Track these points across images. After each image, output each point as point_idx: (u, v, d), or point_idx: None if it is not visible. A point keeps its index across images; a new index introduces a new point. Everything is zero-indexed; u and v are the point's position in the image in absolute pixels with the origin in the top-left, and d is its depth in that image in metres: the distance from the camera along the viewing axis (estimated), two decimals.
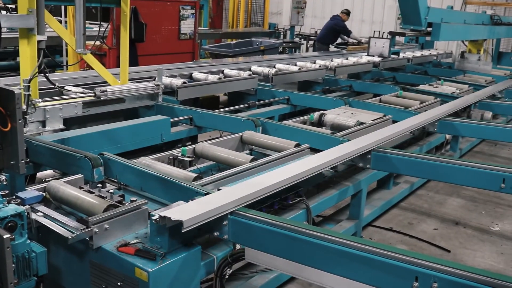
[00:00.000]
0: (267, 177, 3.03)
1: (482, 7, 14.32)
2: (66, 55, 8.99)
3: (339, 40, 12.19)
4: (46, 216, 2.64)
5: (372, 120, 4.92)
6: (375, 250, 2.18)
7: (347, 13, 12.57)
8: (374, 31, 15.70)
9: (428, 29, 7.07)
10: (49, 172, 3.65)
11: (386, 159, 3.91)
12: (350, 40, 12.12)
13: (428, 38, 8.38)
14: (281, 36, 14.39)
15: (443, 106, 5.73)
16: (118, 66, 7.22)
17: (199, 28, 10.34)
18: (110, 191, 2.86)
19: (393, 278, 2.10)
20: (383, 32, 13.87)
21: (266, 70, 7.12)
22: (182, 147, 3.81)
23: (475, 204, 5.67)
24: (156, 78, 5.32)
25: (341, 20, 12.17)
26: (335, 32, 12.11)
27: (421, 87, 7.28)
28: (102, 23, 4.88)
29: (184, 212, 2.39)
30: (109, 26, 7.42)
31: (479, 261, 4.41)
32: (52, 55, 6.88)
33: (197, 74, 6.47)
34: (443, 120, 5.22)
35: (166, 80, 5.63)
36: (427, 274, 2.03)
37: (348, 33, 12.23)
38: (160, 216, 2.34)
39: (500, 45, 11.96)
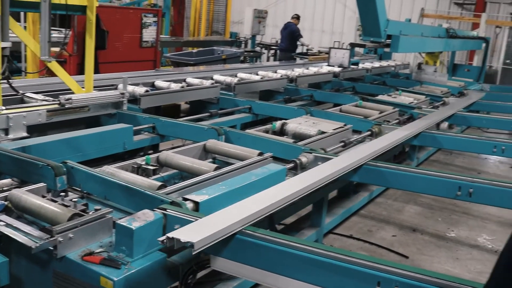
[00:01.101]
0: (265, 194, 3.00)
1: (438, 20, 14.75)
2: (25, 61, 8.83)
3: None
4: (8, 225, 2.60)
5: (333, 130, 5.01)
6: (339, 256, 2.24)
7: (298, 17, 13.05)
8: (334, 41, 15.98)
9: (387, 41, 7.24)
10: (7, 181, 3.58)
11: None
12: (299, 44, 12.58)
13: (387, 49, 8.57)
14: (242, 45, 14.50)
15: (422, 120, 5.91)
16: (78, 73, 7.17)
17: (161, 36, 10.31)
18: (73, 200, 2.85)
19: (357, 283, 2.16)
20: (343, 43, 14.12)
21: (228, 79, 7.17)
22: (146, 156, 3.80)
23: (431, 211, 5.82)
24: (122, 86, 5.29)
25: (294, 25, 12.57)
26: (294, 38, 12.49)
27: (380, 97, 7.44)
28: (62, 29, 4.84)
29: (191, 233, 2.30)
30: (70, 32, 7.34)
31: (436, 266, 4.53)
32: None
33: (159, 83, 6.47)
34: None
35: (129, 88, 5.61)
36: (389, 279, 2.11)
37: (298, 36, 12.66)
38: (168, 238, 2.24)
39: (455, 58, 12.33)
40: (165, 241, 2.25)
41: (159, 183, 3.22)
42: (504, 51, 14.15)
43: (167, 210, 2.65)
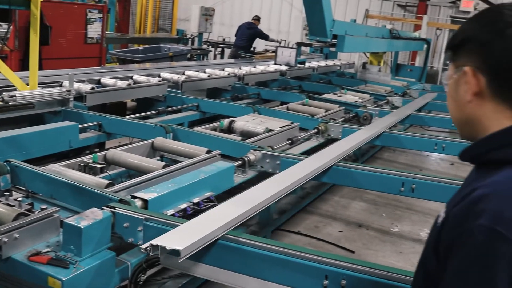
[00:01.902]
0: (242, 198, 2.96)
1: (382, 21, 15.12)
2: None
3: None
4: None
5: (280, 127, 5.07)
6: (287, 251, 2.28)
7: (258, 19, 13.21)
8: (281, 40, 16.11)
9: (333, 40, 7.37)
10: None
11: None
12: (271, 43, 12.78)
13: (333, 49, 8.72)
14: (189, 42, 14.42)
15: (384, 119, 6.07)
16: (20, 69, 6.98)
17: (106, 32, 10.14)
18: (18, 199, 2.79)
19: (305, 277, 2.21)
20: (290, 42, 14.26)
21: (175, 76, 7.12)
22: (93, 154, 3.75)
23: (376, 207, 5.99)
24: (67, 83, 5.18)
25: (257, 27, 12.77)
26: (254, 39, 12.70)
27: (326, 95, 7.57)
28: (2, 23, 4.70)
29: (175, 239, 2.25)
30: (11, 27, 7.13)
31: (381, 260, 4.66)
32: None
33: (105, 80, 6.37)
34: (346, 127, 5.48)
35: (74, 85, 5.50)
36: (336, 272, 2.17)
37: (266, 37, 12.84)
38: (152, 245, 2.17)
39: (398, 58, 12.67)
40: (148, 248, 2.18)
41: (107, 181, 3.19)
42: (445, 52, 14.61)
43: (116, 208, 2.63)
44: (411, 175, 3.92)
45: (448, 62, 1.42)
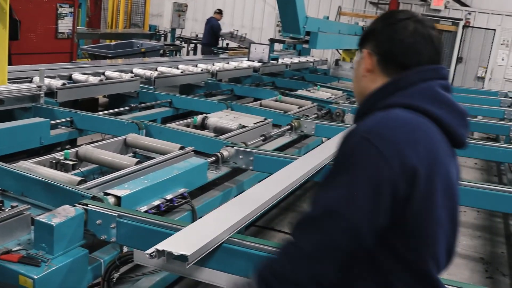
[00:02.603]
0: (241, 200, 2.88)
1: (355, 18, 15.23)
2: None
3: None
4: None
5: (254, 124, 5.08)
6: (256, 245, 2.29)
7: (220, 12, 13.22)
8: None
9: (306, 37, 7.41)
10: None
11: (268, 161, 4.08)
12: (224, 35, 12.81)
13: (306, 46, 8.76)
14: (162, 38, 14.34)
15: None
16: None
17: (77, 27, 10.01)
18: None
19: None
20: (263, 39, 14.28)
21: (148, 72, 7.07)
22: (65, 151, 3.71)
23: None
24: (38, 78, 5.11)
25: (215, 20, 12.71)
26: (214, 33, 12.61)
27: (299, 92, 7.60)
28: None
29: (181, 244, 2.16)
30: None
31: None
32: None
33: (77, 75, 6.29)
34: (319, 124, 5.52)
35: (45, 81, 5.43)
36: None
37: (219, 30, 12.90)
38: (158, 250, 2.07)
39: None
40: (153, 254, 2.08)
41: (79, 178, 3.15)
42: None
43: (88, 205, 2.61)
44: None
45: None
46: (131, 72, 7.07)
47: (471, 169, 8.36)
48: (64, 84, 5.49)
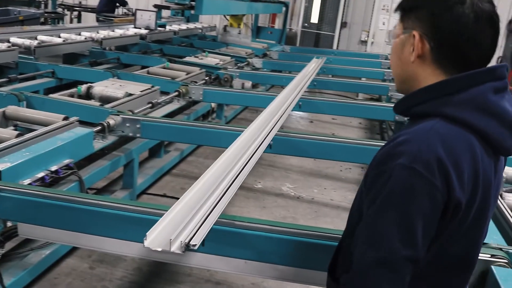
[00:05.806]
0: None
1: None
2: None
3: None
4: None
5: (141, 91, 5.04)
6: (148, 210, 2.33)
7: None
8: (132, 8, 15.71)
9: (191, 3, 7.35)
10: None
11: (156, 128, 4.08)
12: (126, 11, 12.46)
13: (192, 11, 8.69)
14: (42, 6, 13.59)
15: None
16: None
17: None
18: None
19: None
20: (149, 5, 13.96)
21: (27, 42, 6.72)
22: None
23: None
24: None
25: None
26: (113, 3, 12.24)
27: (187, 59, 7.57)
28: None
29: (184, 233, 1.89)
30: None
31: (247, 215, 4.87)
32: None
33: None
34: (207, 89, 5.57)
35: None
36: None
37: (125, 3, 12.47)
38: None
39: (259, 20, 12.90)
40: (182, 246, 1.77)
41: None
42: (303, 15, 15.11)
43: None
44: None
45: (306, 24, 1.48)
46: (8, 41, 6.68)
47: (356, 128, 8.80)
48: None
